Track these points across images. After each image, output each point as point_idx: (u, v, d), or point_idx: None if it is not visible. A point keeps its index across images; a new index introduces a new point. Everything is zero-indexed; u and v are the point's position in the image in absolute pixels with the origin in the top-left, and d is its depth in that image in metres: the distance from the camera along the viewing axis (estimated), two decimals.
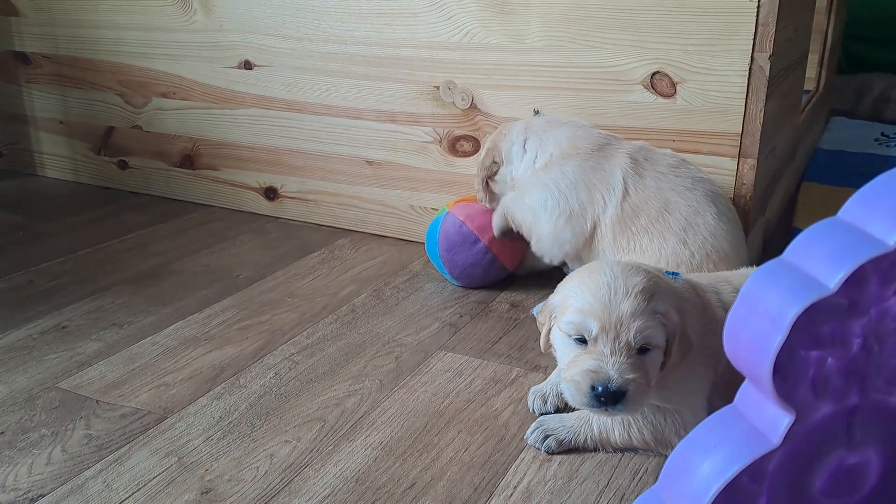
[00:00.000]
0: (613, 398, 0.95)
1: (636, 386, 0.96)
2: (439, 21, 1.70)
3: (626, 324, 0.96)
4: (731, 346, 0.56)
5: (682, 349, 1.00)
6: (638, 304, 0.97)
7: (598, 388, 0.96)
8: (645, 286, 0.99)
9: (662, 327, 0.98)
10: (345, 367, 1.30)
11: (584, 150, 1.41)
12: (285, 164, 2.02)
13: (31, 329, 1.42)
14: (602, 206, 1.37)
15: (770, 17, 1.39)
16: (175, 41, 2.05)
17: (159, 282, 1.64)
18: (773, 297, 0.52)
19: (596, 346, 0.98)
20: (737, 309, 0.55)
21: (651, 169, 1.37)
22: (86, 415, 1.15)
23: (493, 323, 1.46)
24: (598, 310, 0.97)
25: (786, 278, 0.53)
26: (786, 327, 0.51)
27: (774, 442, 0.55)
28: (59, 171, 2.41)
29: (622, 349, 0.96)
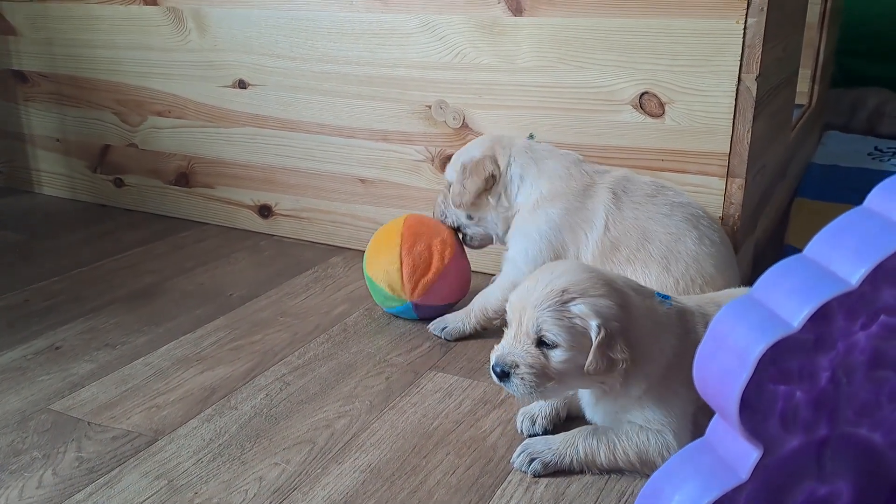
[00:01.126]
0: (500, 376, 1.04)
1: (521, 373, 1.02)
2: (431, 41, 1.72)
3: (527, 313, 1.02)
4: (700, 379, 0.57)
5: (607, 354, 1.00)
6: (544, 299, 1.01)
7: (494, 367, 1.04)
8: (567, 286, 1.02)
9: (576, 328, 1.00)
10: (335, 388, 1.30)
11: (572, 191, 1.41)
12: (279, 182, 2.03)
13: (25, 349, 1.43)
14: (584, 242, 1.39)
15: (756, 38, 1.41)
16: (171, 60, 2.07)
17: (153, 301, 1.65)
18: (740, 334, 0.53)
19: (508, 331, 1.06)
20: (705, 344, 0.57)
21: (629, 200, 1.38)
22: (77, 437, 1.15)
23: (484, 342, 1.47)
24: (516, 299, 1.05)
25: (752, 315, 0.54)
26: (751, 364, 0.52)
27: (743, 476, 0.56)
28: (55, 188, 2.43)
29: (522, 336, 1.03)
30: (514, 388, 1.03)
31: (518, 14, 1.61)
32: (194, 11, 1.98)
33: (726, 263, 1.38)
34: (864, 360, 0.57)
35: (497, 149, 1.48)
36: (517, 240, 1.45)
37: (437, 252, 1.49)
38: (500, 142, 1.50)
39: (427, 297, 1.49)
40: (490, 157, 1.47)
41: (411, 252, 1.49)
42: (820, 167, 2.72)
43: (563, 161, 1.45)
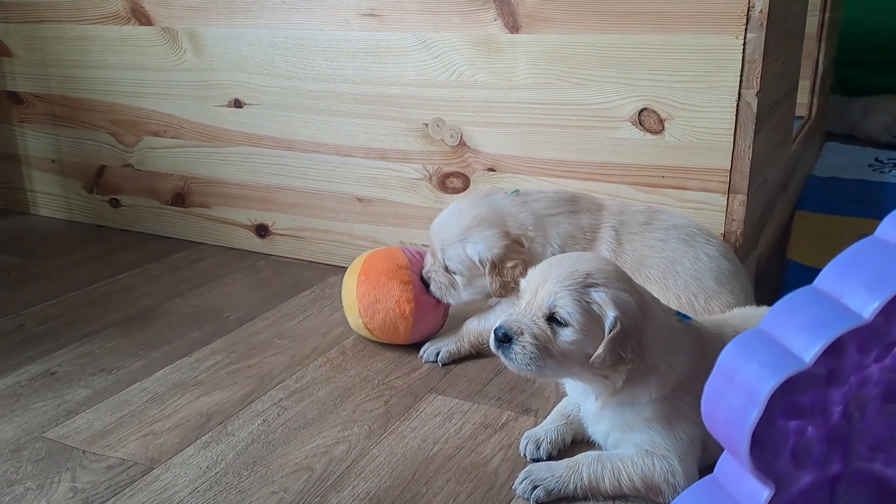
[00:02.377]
0: (500, 339, 1.03)
1: (523, 341, 1.01)
2: (427, 59, 1.71)
3: (545, 287, 1.02)
4: (709, 417, 0.55)
5: (617, 350, 0.99)
6: (565, 278, 1.01)
7: (496, 329, 1.03)
8: (592, 271, 1.01)
9: (592, 314, 1.00)
10: (334, 413, 1.28)
11: (577, 232, 1.39)
12: (276, 202, 2.02)
13: (19, 376, 1.41)
14: None
15: (756, 53, 1.39)
16: (166, 80, 2.05)
17: (150, 324, 1.63)
18: (750, 371, 0.52)
19: (520, 302, 1.05)
20: (714, 380, 0.55)
21: (626, 233, 1.39)
22: (72, 466, 1.13)
23: (483, 364, 1.45)
24: (535, 273, 1.05)
25: (762, 351, 0.52)
26: (762, 402, 0.50)
27: None
28: (51, 209, 2.41)
29: (533, 309, 1.02)
30: (513, 356, 1.02)
31: (515, 31, 1.60)
32: (189, 31, 1.97)
33: (729, 274, 1.36)
34: (877, 394, 0.56)
35: (514, 232, 1.38)
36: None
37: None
38: (507, 221, 1.39)
39: (413, 338, 1.49)
40: (515, 246, 1.37)
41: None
42: (820, 179, 2.70)
43: (565, 211, 1.41)
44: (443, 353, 1.45)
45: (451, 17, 1.66)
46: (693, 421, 1.03)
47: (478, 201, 1.43)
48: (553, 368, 1.02)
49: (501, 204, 1.41)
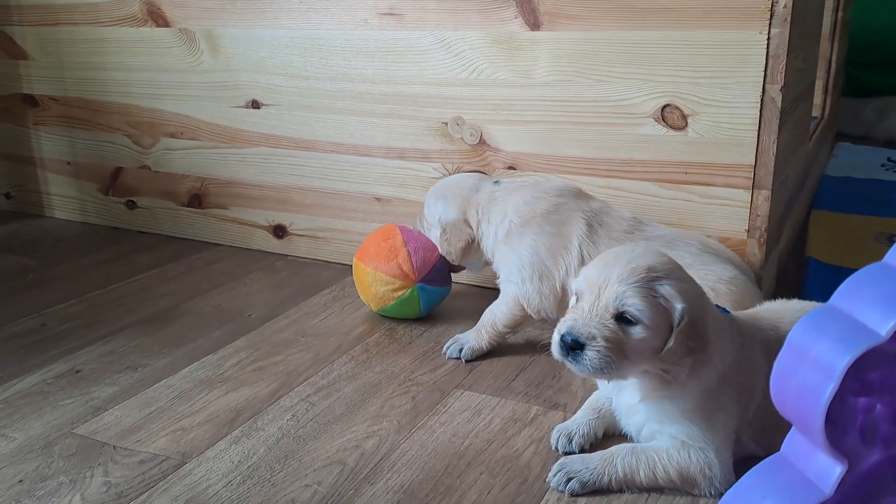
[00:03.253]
0: (571, 346, 0.99)
1: (597, 346, 0.98)
2: (447, 58, 1.71)
3: (609, 287, 0.99)
4: (778, 394, 0.55)
5: (686, 341, 0.99)
6: (629, 274, 0.99)
7: (564, 336, 1.00)
8: (652, 265, 1.00)
9: (659, 308, 0.99)
10: (362, 408, 1.28)
11: (540, 212, 1.44)
12: (294, 202, 2.02)
13: (45, 374, 1.41)
14: (564, 270, 1.41)
15: (781, 48, 1.40)
16: (183, 82, 2.06)
17: (171, 323, 1.63)
18: (823, 346, 0.52)
19: (580, 304, 1.02)
20: (784, 357, 0.55)
21: (605, 236, 1.41)
22: (103, 461, 1.13)
23: (508, 360, 1.45)
24: (594, 273, 1.02)
25: (835, 326, 0.52)
26: (837, 376, 0.50)
27: (827, 492, 0.53)
28: (67, 211, 2.41)
29: (599, 310, 0.99)
30: (586, 362, 0.99)
31: (536, 29, 1.60)
32: (207, 32, 1.98)
33: (718, 272, 1.35)
34: None
35: (470, 213, 1.53)
36: (505, 266, 1.47)
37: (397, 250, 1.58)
38: (471, 202, 1.53)
39: (431, 276, 1.57)
40: (464, 223, 1.53)
41: (412, 237, 1.58)
42: (833, 179, 2.71)
43: (524, 189, 1.49)
44: (465, 349, 1.45)
45: (470, 16, 1.66)
46: (731, 414, 1.03)
47: (466, 178, 1.61)
48: (625, 368, 1.00)
49: (481, 188, 1.54)
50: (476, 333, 1.48)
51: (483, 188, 1.54)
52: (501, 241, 1.47)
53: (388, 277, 1.55)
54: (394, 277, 1.55)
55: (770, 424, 1.04)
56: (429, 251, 1.57)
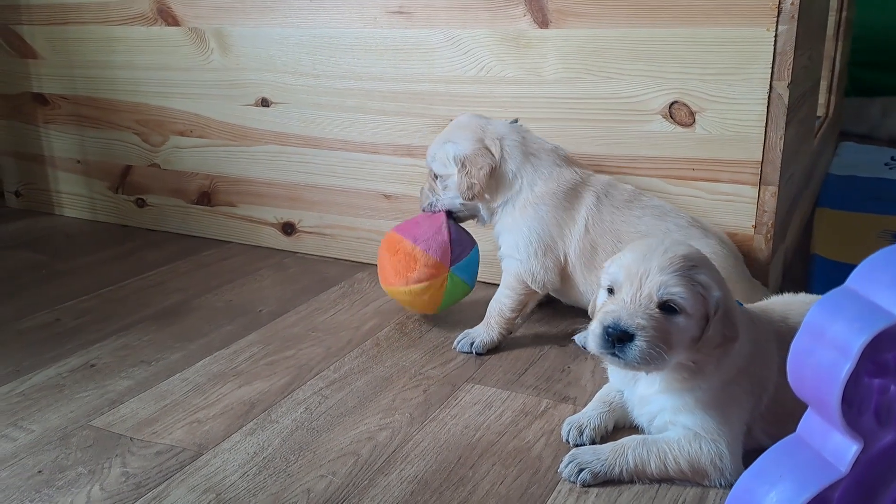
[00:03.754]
0: (620, 338, 0.98)
1: (647, 335, 0.98)
2: (456, 56, 1.72)
3: (651, 276, 0.99)
4: (795, 374, 0.57)
5: (722, 330, 1.00)
6: (670, 263, 1.00)
7: (609, 328, 0.99)
8: (689, 254, 1.02)
9: (698, 296, 1.00)
10: (374, 401, 1.30)
11: (560, 192, 1.46)
12: (303, 199, 2.03)
13: (60, 367, 1.42)
14: (569, 239, 1.45)
15: (788, 45, 1.41)
16: (192, 80, 2.07)
17: (183, 318, 1.65)
18: (840, 326, 0.53)
19: (620, 294, 1.01)
20: (801, 338, 0.56)
21: (609, 205, 1.45)
22: (121, 452, 1.15)
23: (518, 354, 1.47)
24: (631, 262, 1.02)
25: (851, 307, 0.53)
26: (854, 355, 0.51)
27: (843, 470, 0.55)
28: (76, 209, 2.43)
29: (643, 299, 0.99)
30: (635, 353, 0.98)
31: (544, 27, 1.62)
32: (216, 31, 2.00)
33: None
34: None
35: (488, 141, 1.49)
36: (509, 237, 1.49)
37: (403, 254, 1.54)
38: (487, 131, 1.50)
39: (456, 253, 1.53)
40: (486, 151, 1.48)
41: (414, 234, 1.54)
42: (837, 178, 2.72)
43: (553, 161, 1.50)
44: (477, 343, 1.47)
45: (479, 14, 1.68)
46: (744, 406, 1.04)
47: (465, 115, 1.57)
48: (668, 359, 1.00)
49: (492, 123, 1.53)
50: (485, 326, 1.49)
51: (495, 123, 1.52)
52: (519, 206, 1.47)
53: (424, 284, 1.51)
54: (428, 280, 1.51)
55: (781, 415, 1.05)
56: (437, 233, 1.53)
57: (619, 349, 0.99)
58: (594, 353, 1.03)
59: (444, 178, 1.52)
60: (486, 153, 1.47)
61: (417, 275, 1.51)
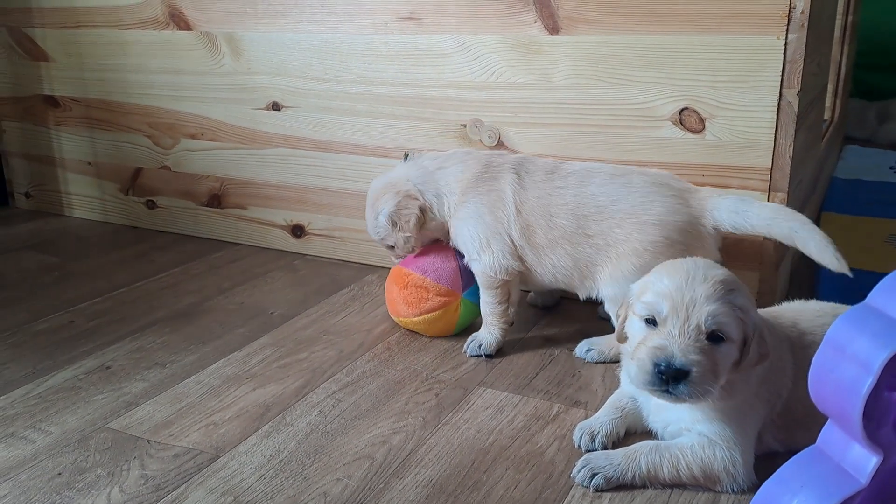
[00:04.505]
0: (675, 376, 0.96)
1: (701, 369, 0.96)
2: (466, 61, 1.74)
3: (698, 306, 0.98)
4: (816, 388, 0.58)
5: (760, 351, 1.01)
6: (714, 291, 0.99)
7: (661, 365, 0.97)
8: (725, 279, 1.02)
9: (739, 322, 1.00)
10: (387, 404, 1.31)
11: (475, 179, 1.51)
12: (312, 202, 2.05)
13: (76, 370, 1.44)
14: (506, 222, 1.47)
15: (798, 53, 1.42)
16: (204, 84, 2.09)
17: (196, 320, 1.66)
18: (862, 342, 0.54)
19: (665, 327, 0.99)
20: (823, 352, 0.57)
21: (530, 181, 1.48)
22: (139, 455, 1.16)
23: (528, 358, 1.48)
24: (673, 291, 1.00)
25: (872, 324, 0.55)
26: (876, 370, 0.53)
27: (863, 482, 0.56)
28: (86, 211, 2.45)
29: (691, 332, 0.98)
30: (689, 390, 0.96)
31: (555, 33, 1.63)
32: (228, 36, 2.01)
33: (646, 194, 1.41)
34: None
35: (402, 188, 1.54)
36: (460, 243, 1.53)
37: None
38: (396, 181, 1.56)
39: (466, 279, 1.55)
40: (407, 196, 1.53)
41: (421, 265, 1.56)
42: (842, 181, 2.73)
43: (459, 159, 1.55)
44: (484, 345, 1.49)
45: (490, 20, 1.69)
46: (760, 414, 1.05)
47: (376, 181, 1.61)
48: (717, 388, 0.99)
49: (394, 172, 1.59)
50: (486, 328, 1.51)
51: (401, 169, 1.58)
52: (453, 215, 1.52)
53: (438, 312, 1.53)
54: (441, 309, 1.53)
55: (790, 422, 1.07)
56: (445, 261, 1.55)
57: (673, 386, 0.97)
58: (639, 388, 1.02)
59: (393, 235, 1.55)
60: (408, 200, 1.52)
61: (430, 304, 1.53)
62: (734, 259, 1.56)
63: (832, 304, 1.24)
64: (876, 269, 1.85)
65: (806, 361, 1.08)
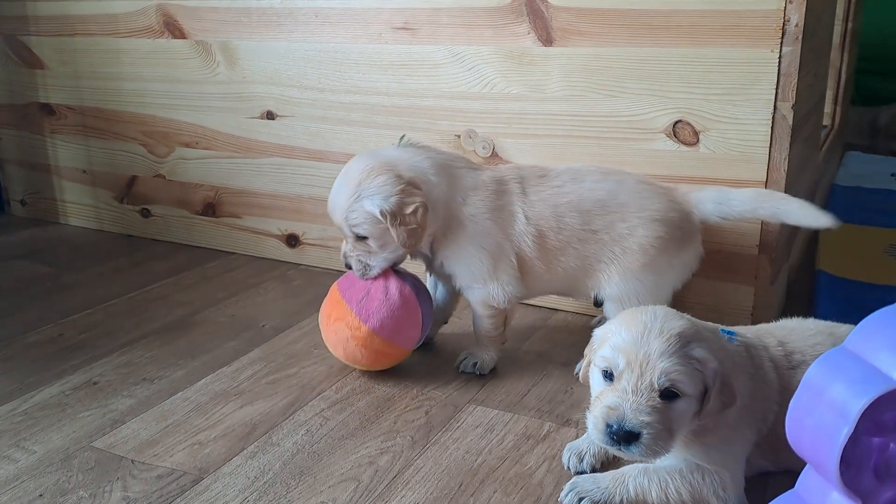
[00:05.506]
0: (626, 438, 0.96)
1: (652, 431, 0.95)
2: (460, 72, 1.72)
3: (652, 363, 0.96)
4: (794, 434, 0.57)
5: (722, 399, 0.99)
6: (669, 346, 0.97)
7: (612, 427, 0.96)
8: (683, 331, 0.99)
9: (697, 374, 0.98)
10: (375, 423, 1.30)
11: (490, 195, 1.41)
12: (307, 212, 2.04)
13: (63, 385, 1.43)
14: (517, 237, 1.41)
15: (792, 66, 1.41)
16: (199, 93, 2.08)
17: (187, 333, 1.65)
18: (838, 389, 0.53)
19: (620, 383, 0.98)
20: (799, 397, 0.56)
21: (531, 187, 1.43)
22: (122, 476, 1.15)
23: (519, 374, 1.47)
24: (628, 346, 0.98)
25: (849, 369, 0.53)
26: (853, 420, 0.51)
27: None
28: (81, 219, 2.44)
29: (644, 389, 0.97)
30: (643, 450, 0.95)
31: (548, 44, 1.62)
32: (223, 45, 2.00)
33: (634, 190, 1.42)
34: None
35: (406, 174, 1.36)
36: (460, 267, 1.42)
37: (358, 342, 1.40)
38: (397, 164, 1.37)
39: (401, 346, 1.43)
40: (410, 188, 1.34)
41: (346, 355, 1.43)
42: (843, 189, 2.71)
43: (467, 166, 1.45)
44: (479, 364, 1.46)
45: (483, 31, 1.68)
46: (748, 438, 1.03)
47: (362, 157, 1.41)
48: (672, 444, 0.98)
49: (389, 153, 1.41)
50: (481, 347, 1.48)
51: (392, 151, 1.41)
52: (459, 231, 1.40)
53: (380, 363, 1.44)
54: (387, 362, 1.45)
55: (778, 443, 1.05)
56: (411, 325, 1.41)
57: (624, 447, 0.96)
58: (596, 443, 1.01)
59: (375, 237, 1.37)
60: (411, 190, 1.34)
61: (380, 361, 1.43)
62: (729, 274, 1.55)
63: (828, 323, 1.22)
64: (875, 282, 1.84)
65: (793, 382, 1.07)
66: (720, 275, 1.53)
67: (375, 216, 1.34)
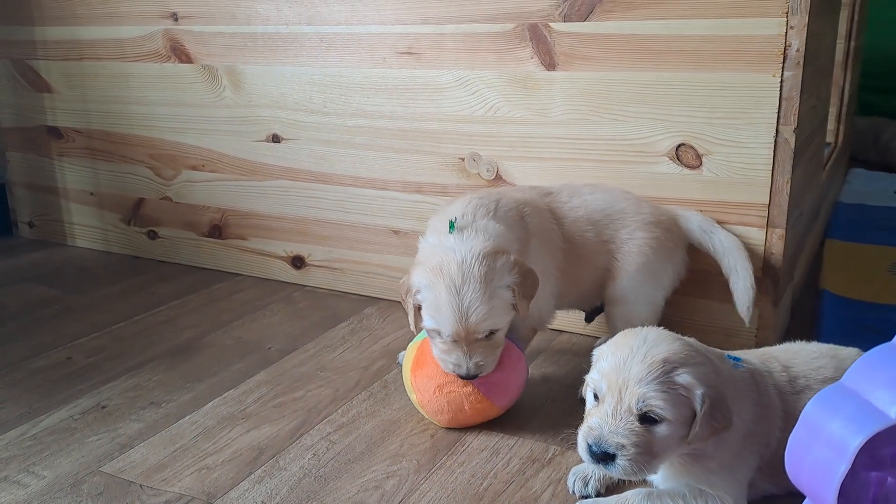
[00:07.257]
0: (602, 458, 0.99)
1: (627, 454, 0.97)
2: (464, 96, 1.74)
3: (630, 388, 0.98)
4: (793, 468, 0.57)
5: (711, 424, 0.99)
6: (648, 372, 0.98)
7: (592, 447, 0.99)
8: (667, 356, 1.00)
9: (681, 399, 0.98)
10: (381, 447, 1.30)
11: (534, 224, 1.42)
12: (312, 234, 2.05)
13: (72, 409, 1.44)
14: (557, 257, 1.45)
15: (794, 90, 1.42)
16: (205, 116, 2.10)
17: (194, 356, 1.66)
18: (836, 426, 0.54)
19: (603, 406, 1.01)
20: (798, 433, 0.57)
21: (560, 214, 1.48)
22: (131, 501, 1.16)
23: (525, 396, 1.47)
24: (611, 371, 1.00)
25: (847, 406, 0.54)
26: (850, 456, 0.52)
27: None
28: (89, 241, 2.46)
29: (623, 413, 0.99)
30: (620, 470, 0.98)
31: (551, 69, 1.63)
32: (229, 69, 2.02)
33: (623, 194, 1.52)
34: None
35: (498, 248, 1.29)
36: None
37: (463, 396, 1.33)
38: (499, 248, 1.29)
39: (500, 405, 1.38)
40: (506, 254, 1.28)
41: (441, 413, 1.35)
42: (847, 206, 2.72)
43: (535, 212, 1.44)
44: None
45: (487, 56, 1.70)
46: (750, 464, 1.04)
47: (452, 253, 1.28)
48: (655, 466, 1.00)
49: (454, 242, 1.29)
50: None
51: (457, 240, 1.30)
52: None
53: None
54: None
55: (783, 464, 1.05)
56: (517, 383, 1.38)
57: (605, 465, 0.99)
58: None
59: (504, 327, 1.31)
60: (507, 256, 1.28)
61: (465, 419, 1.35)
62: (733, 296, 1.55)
63: (831, 346, 1.22)
64: (877, 301, 1.84)
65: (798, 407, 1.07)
66: (724, 297, 1.53)
67: (506, 302, 1.27)
